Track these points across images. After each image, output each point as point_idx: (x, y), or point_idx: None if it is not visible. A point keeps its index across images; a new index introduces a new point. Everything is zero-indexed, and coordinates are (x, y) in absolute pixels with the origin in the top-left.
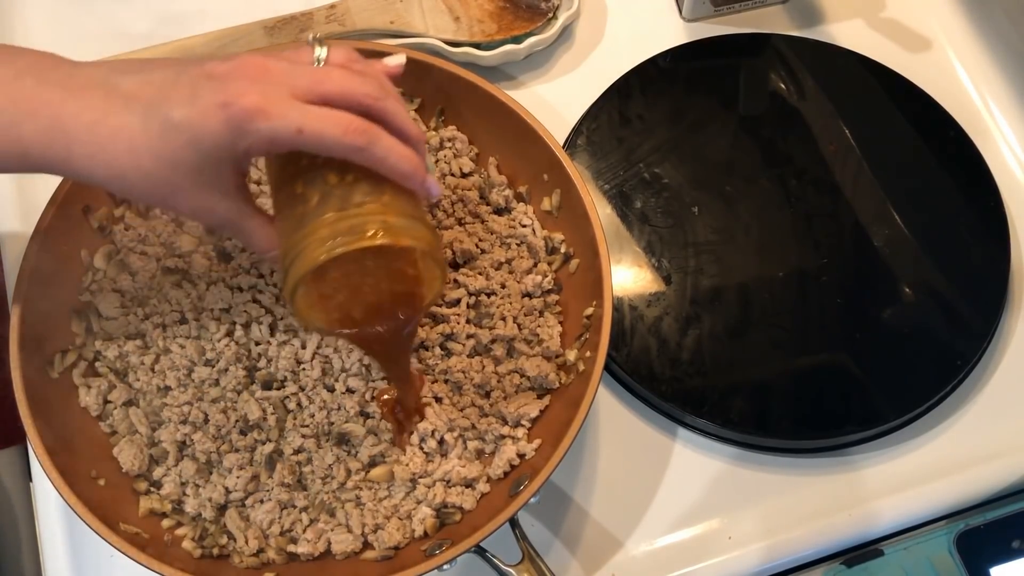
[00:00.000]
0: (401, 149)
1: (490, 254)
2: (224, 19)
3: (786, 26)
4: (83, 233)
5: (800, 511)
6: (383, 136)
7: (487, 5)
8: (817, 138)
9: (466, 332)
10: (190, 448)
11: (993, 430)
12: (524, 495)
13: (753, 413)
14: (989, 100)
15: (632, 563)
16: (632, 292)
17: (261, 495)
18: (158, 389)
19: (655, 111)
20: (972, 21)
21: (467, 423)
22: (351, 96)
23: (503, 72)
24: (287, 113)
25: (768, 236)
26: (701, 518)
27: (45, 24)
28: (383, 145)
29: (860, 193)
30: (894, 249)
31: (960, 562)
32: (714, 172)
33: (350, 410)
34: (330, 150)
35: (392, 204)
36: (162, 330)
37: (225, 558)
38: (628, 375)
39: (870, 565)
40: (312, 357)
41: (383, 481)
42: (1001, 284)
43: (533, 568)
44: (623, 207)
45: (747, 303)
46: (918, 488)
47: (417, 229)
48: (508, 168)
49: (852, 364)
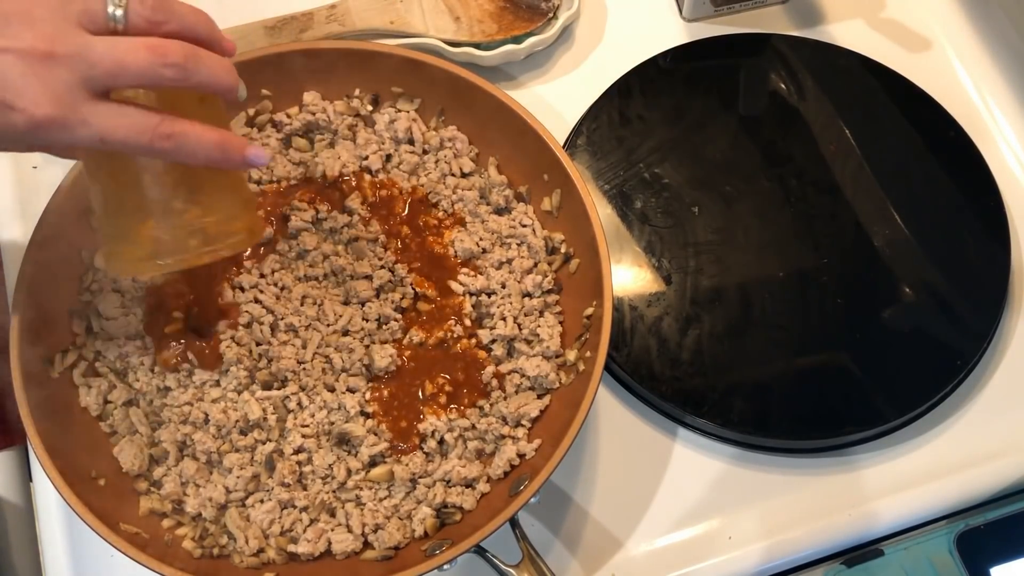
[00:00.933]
0: (212, 136)
1: (490, 254)
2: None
3: (786, 26)
4: (83, 233)
5: (800, 511)
6: (189, 132)
7: (487, 5)
8: (817, 138)
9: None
10: (190, 448)
11: (993, 430)
12: (524, 495)
13: (753, 413)
14: (989, 100)
15: (632, 563)
16: (632, 292)
17: (261, 495)
18: (158, 389)
19: (655, 111)
20: (972, 21)
21: (467, 423)
22: (156, 80)
23: (503, 72)
24: (86, 120)
25: (768, 236)
26: (701, 518)
27: None
28: (191, 141)
29: (860, 193)
30: (894, 249)
31: (960, 562)
32: (714, 172)
33: (350, 410)
34: (139, 153)
35: (212, 202)
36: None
37: (225, 558)
38: (628, 375)
39: (870, 565)
40: (313, 357)
41: (383, 481)
42: (1001, 284)
43: (533, 568)
44: (623, 207)
45: (747, 303)
46: (918, 488)
47: (238, 222)
48: (508, 168)
49: (852, 364)
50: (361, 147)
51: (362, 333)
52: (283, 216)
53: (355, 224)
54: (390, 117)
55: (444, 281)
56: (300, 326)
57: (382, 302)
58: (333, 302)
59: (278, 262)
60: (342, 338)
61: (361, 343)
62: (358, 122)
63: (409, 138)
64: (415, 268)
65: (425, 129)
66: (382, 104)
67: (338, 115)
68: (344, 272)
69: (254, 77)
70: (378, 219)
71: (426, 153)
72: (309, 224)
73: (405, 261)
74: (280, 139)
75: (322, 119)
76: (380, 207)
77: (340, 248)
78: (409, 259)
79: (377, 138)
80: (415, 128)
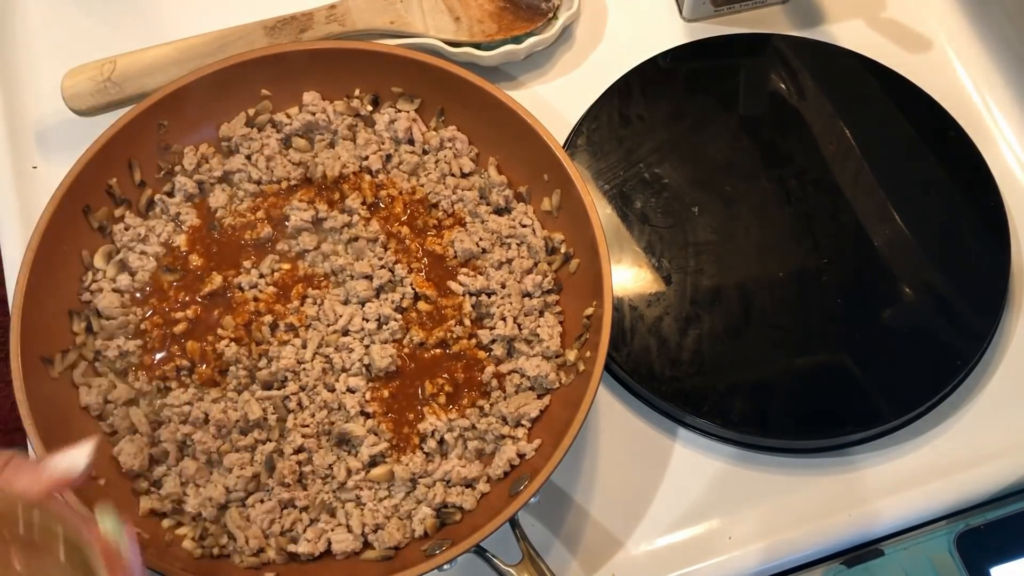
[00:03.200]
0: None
1: (490, 254)
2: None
3: (786, 26)
4: (83, 233)
5: (800, 511)
6: None
7: (487, 5)
8: (817, 138)
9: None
10: (190, 448)
11: (993, 430)
12: (524, 495)
13: (753, 413)
14: (989, 100)
15: (632, 563)
16: (632, 292)
17: (261, 495)
18: (158, 389)
19: (655, 111)
20: (972, 21)
21: (467, 423)
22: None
23: (503, 72)
24: None
25: (768, 236)
26: (701, 518)
27: (45, 24)
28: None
29: (860, 193)
30: (894, 249)
31: (960, 562)
32: (714, 172)
33: (350, 410)
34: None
35: None
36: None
37: (225, 558)
38: (628, 375)
39: (870, 565)
40: (313, 357)
41: (383, 481)
42: (1001, 284)
43: (533, 568)
44: (623, 207)
45: (747, 303)
46: (918, 488)
47: None
48: (508, 168)
49: (852, 364)
50: (361, 147)
51: (362, 333)
52: (283, 216)
53: (355, 224)
54: (390, 117)
55: (444, 281)
56: (300, 326)
57: (382, 302)
58: (333, 302)
59: (278, 262)
60: (342, 338)
61: (361, 343)
62: (358, 122)
63: (409, 138)
64: (415, 268)
65: (425, 129)
66: (382, 104)
67: (338, 115)
68: (344, 272)
69: (254, 77)
70: (378, 219)
71: (426, 153)
72: (309, 224)
73: (405, 261)
74: (280, 139)
75: (322, 119)
76: (380, 207)
77: (340, 248)
78: (409, 259)
79: (377, 138)
80: (415, 128)
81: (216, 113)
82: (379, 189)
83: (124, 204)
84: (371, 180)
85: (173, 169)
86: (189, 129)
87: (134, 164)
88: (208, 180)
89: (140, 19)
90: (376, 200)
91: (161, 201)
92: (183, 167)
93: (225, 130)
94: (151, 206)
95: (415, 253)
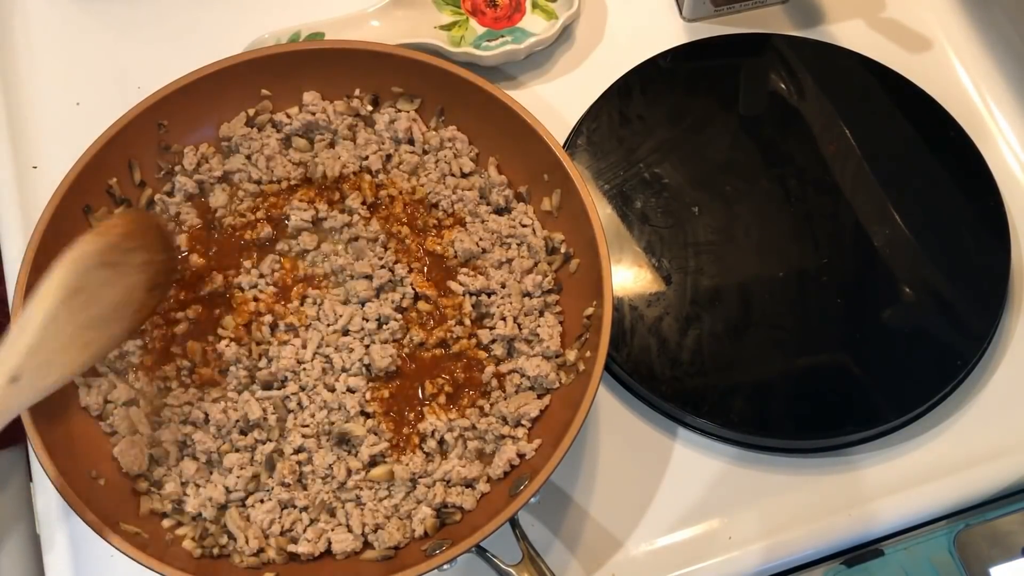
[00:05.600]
0: None
1: (490, 254)
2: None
3: (786, 26)
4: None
5: (800, 511)
6: None
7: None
8: (817, 138)
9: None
10: (190, 448)
11: (993, 430)
12: (524, 495)
13: (753, 413)
14: (989, 100)
15: (632, 563)
16: (632, 292)
17: (261, 495)
18: (159, 389)
19: (655, 111)
20: (972, 21)
21: (467, 423)
22: None
23: (503, 72)
24: None
25: (768, 236)
26: (701, 518)
27: (45, 24)
28: None
29: (860, 193)
30: (894, 249)
31: (960, 562)
32: (714, 172)
33: (350, 410)
34: None
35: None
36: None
37: (225, 558)
38: (628, 375)
39: (870, 565)
40: (313, 357)
41: (383, 481)
42: (1001, 284)
43: (533, 568)
44: (623, 207)
45: (747, 303)
46: (918, 488)
47: None
48: (508, 168)
49: (852, 364)
50: (361, 147)
51: (362, 333)
52: (283, 216)
53: (355, 224)
54: (390, 117)
55: (444, 281)
56: (300, 326)
57: (382, 302)
58: (333, 302)
59: (278, 262)
60: (342, 338)
61: (361, 343)
62: (358, 122)
63: (409, 138)
64: (415, 268)
65: (425, 129)
66: (382, 104)
67: (338, 115)
68: (344, 272)
69: (254, 77)
70: (378, 219)
71: (426, 153)
72: (309, 224)
73: (405, 261)
74: (280, 139)
75: (322, 119)
76: (380, 207)
77: (340, 248)
78: (409, 259)
79: (377, 138)
80: (415, 128)
81: (216, 113)
82: (379, 189)
83: (124, 204)
84: (371, 180)
85: (173, 169)
86: (189, 129)
87: (134, 164)
88: (208, 180)
89: (141, 18)
90: (376, 200)
91: (161, 201)
92: (183, 167)
93: (225, 130)
94: (151, 206)
95: (415, 253)
